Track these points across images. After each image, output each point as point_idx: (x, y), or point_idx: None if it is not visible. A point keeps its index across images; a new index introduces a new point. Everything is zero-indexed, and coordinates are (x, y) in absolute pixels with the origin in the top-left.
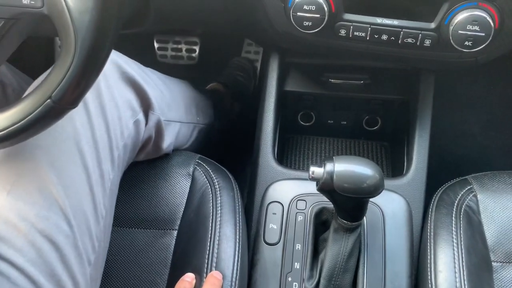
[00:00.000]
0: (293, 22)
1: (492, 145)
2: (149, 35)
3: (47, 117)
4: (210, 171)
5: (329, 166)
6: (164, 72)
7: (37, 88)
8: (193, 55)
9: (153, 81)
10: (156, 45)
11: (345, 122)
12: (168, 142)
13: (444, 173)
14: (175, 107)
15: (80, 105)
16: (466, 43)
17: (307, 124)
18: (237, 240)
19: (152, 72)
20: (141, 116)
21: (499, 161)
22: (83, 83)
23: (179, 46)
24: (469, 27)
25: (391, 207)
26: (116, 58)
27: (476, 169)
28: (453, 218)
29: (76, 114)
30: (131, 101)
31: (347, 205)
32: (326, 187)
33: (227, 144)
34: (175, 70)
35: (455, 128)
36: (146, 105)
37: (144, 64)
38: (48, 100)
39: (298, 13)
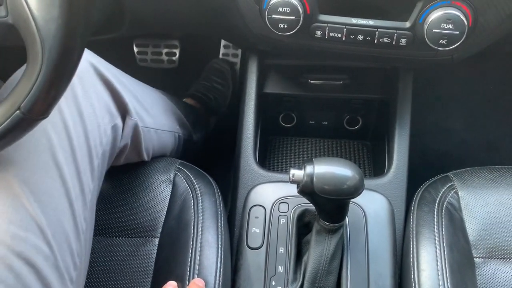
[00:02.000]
0: (269, 25)
1: (474, 141)
2: (128, 40)
3: (17, 128)
4: (191, 176)
5: (309, 169)
6: (145, 76)
7: (4, 99)
8: (174, 58)
9: (130, 86)
10: (135, 49)
11: (326, 123)
12: (148, 148)
13: (427, 170)
14: (154, 114)
15: (55, 113)
16: (441, 41)
17: (289, 125)
18: (220, 246)
19: (130, 78)
20: (119, 121)
21: (481, 156)
22: (52, 92)
23: (159, 50)
24: (443, 25)
25: (373, 207)
26: (92, 60)
27: (458, 165)
28: (435, 216)
29: (50, 124)
30: (109, 105)
31: (328, 207)
32: (307, 189)
33: (208, 150)
34: (156, 74)
35: (437, 125)
36: (122, 109)
37: (124, 69)
38: (17, 112)
39: (273, 16)
